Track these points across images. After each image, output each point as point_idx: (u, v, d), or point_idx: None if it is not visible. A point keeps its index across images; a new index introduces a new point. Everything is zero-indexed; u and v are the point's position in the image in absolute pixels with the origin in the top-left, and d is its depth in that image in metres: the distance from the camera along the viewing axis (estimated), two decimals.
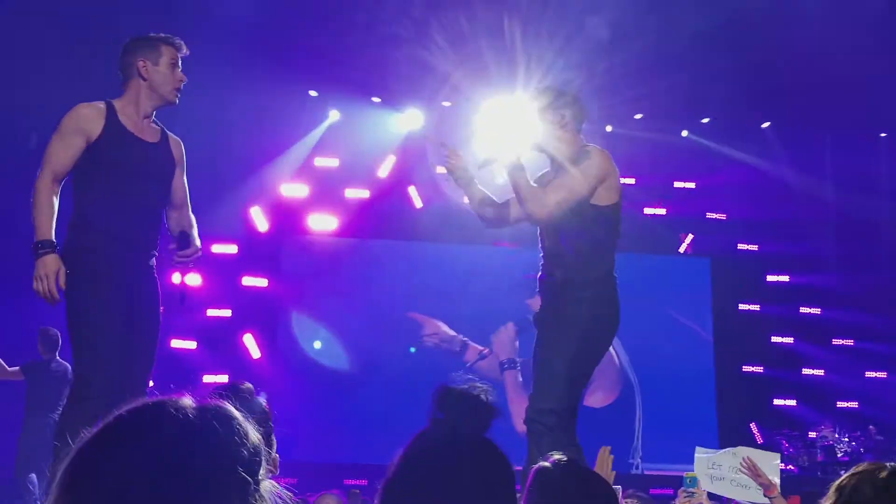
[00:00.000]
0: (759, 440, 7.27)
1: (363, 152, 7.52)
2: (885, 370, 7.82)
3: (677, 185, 7.92)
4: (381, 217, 7.60)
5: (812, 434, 7.11)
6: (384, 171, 7.59)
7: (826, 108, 7.32)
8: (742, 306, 7.94)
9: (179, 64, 2.88)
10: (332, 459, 7.01)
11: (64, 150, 2.75)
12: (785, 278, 8.00)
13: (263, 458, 0.75)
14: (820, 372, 7.85)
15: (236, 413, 0.75)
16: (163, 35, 2.90)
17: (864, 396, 7.70)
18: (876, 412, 7.36)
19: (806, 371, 7.87)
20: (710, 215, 8.01)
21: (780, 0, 6.89)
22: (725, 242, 7.94)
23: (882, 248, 8.08)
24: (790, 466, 6.65)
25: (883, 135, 8.09)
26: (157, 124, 2.95)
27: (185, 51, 2.89)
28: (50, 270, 2.63)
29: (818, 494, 1.91)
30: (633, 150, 7.17)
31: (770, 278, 7.99)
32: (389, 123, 7.59)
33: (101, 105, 2.83)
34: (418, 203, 7.60)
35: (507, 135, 2.98)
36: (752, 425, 7.61)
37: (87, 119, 2.77)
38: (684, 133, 7.81)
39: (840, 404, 7.71)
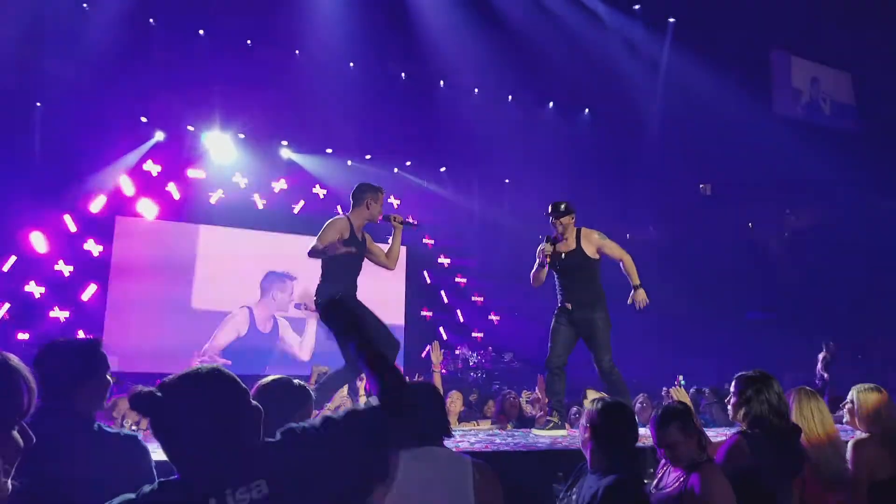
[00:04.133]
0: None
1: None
2: (500, 316, 13.40)
3: (391, 200, 12.50)
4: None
5: (457, 351, 12.23)
6: (194, 174, 10.81)
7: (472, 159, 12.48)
8: (425, 274, 12.86)
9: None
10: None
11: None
12: (447, 261, 13.12)
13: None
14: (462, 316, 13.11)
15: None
16: (380, 187, 4.99)
17: (486, 330, 13.16)
18: (493, 341, 12.78)
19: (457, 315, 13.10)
20: (409, 219, 12.64)
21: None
22: (415, 237, 12.72)
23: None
24: (443, 371, 11.55)
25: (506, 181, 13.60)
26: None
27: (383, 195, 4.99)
28: None
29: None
30: (367, 178, 11.50)
31: (440, 260, 13.06)
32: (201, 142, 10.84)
33: (346, 218, 4.84)
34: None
35: None
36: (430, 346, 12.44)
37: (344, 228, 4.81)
38: (395, 170, 12.45)
39: (473, 334, 13.08)
